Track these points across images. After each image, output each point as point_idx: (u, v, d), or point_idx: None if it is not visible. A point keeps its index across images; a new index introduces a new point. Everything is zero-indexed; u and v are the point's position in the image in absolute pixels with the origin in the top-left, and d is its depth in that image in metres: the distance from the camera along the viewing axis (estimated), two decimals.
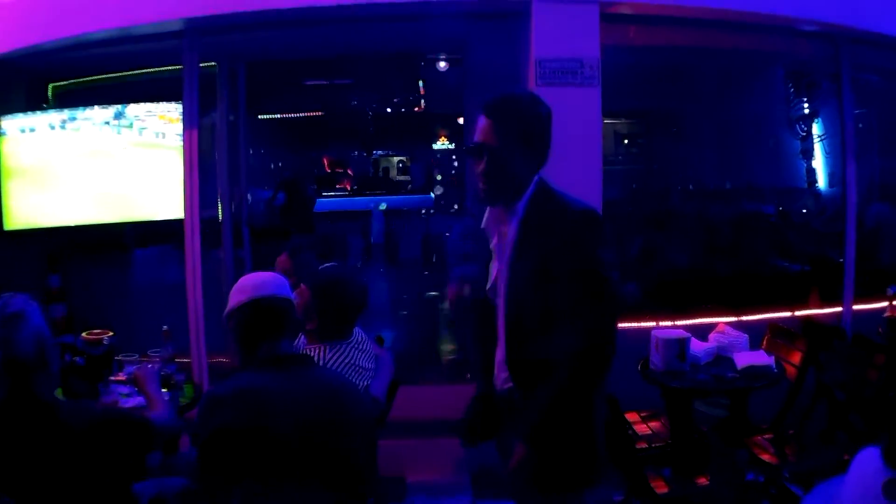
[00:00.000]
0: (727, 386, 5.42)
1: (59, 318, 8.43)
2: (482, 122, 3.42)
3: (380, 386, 4.61)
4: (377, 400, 4.50)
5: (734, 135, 10.95)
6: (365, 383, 4.44)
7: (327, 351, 4.38)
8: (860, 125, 8.83)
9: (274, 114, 15.87)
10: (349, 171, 19.97)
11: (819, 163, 10.27)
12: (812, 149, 10.25)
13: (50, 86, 8.76)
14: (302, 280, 4.56)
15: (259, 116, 15.21)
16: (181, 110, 7.15)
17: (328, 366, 4.30)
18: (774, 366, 5.58)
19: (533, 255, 3.36)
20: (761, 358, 5.60)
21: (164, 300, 7.18)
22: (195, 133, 6.81)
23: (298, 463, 3.22)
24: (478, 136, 3.44)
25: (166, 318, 6.35)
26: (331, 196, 17.99)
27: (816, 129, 10.14)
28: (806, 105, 10.11)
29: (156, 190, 7.46)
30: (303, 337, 4.60)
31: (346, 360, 4.40)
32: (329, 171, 19.98)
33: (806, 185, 10.33)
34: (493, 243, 3.64)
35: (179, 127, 7.20)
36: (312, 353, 4.31)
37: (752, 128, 10.92)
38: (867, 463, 2.13)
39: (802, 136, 10.30)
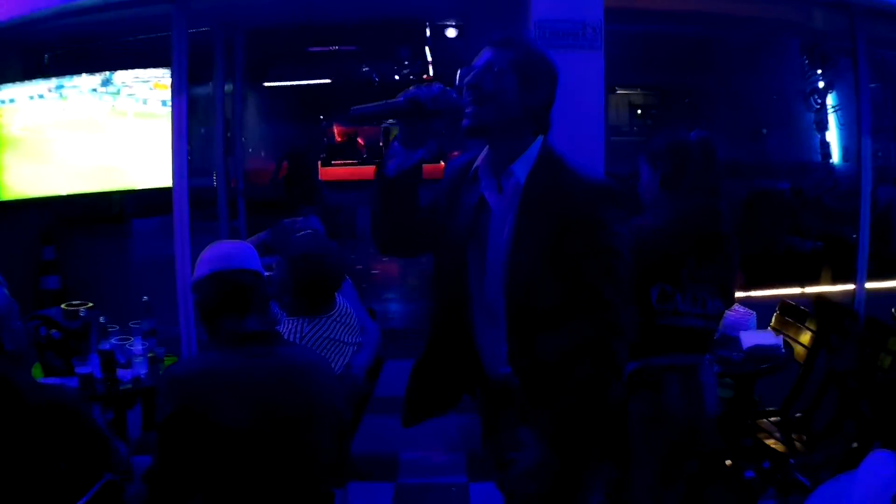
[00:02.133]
0: (732, 369, 5.17)
1: (53, 291, 8.38)
2: (488, 52, 3.09)
3: (361, 363, 4.40)
4: (356, 378, 4.29)
5: (748, 107, 10.73)
6: (345, 360, 4.23)
7: (305, 325, 4.18)
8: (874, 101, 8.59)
9: (280, 81, 15.65)
10: (359, 141, 19.85)
11: (833, 137, 10.04)
12: (826, 122, 10.02)
13: (46, 55, 8.61)
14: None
15: (265, 84, 15.04)
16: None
17: (305, 340, 4.10)
18: (783, 347, 5.33)
19: (541, 232, 2.99)
20: (769, 339, 5.34)
21: (160, 272, 6.98)
22: (184, 100, 6.54)
23: (257, 450, 3.05)
24: (480, 62, 3.08)
25: (162, 291, 6.39)
26: (339, 166, 17.92)
27: (831, 102, 9.92)
28: (820, 78, 9.88)
29: (148, 158, 7.32)
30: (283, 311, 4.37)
31: (326, 335, 4.20)
32: (339, 140, 19.86)
33: (820, 159, 10.11)
34: (482, 186, 3.17)
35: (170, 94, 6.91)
36: (290, 327, 4.10)
37: (766, 100, 10.71)
38: (880, 468, 1.91)
39: (817, 108, 10.07)
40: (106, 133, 7.45)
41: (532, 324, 3.03)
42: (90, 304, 5.45)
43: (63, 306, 5.36)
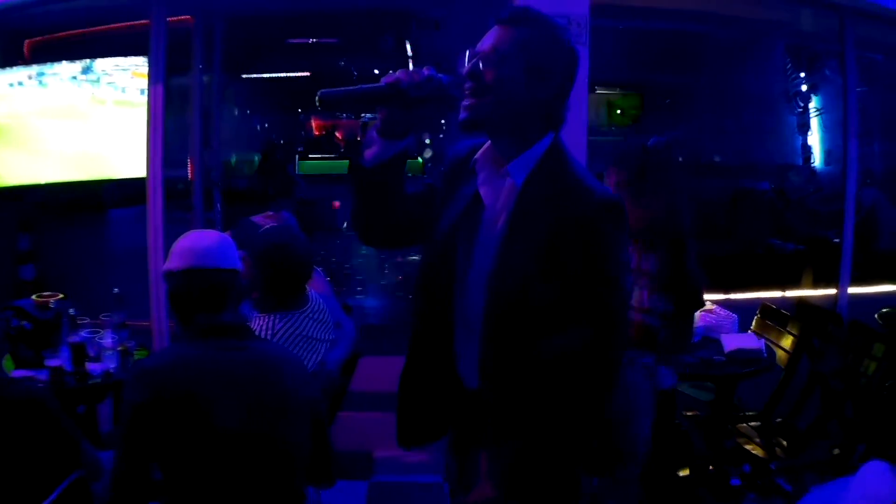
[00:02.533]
0: (714, 371, 5.10)
1: (29, 280, 8.20)
2: (494, 31, 2.67)
3: (336, 359, 4.29)
4: (330, 374, 4.19)
5: (730, 108, 10.69)
6: (319, 357, 4.12)
7: (277, 321, 4.05)
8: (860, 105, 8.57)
9: (259, 73, 15.57)
10: (338, 135, 19.79)
11: (816, 139, 10.01)
12: (809, 125, 9.98)
13: (26, 42, 8.41)
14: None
15: (243, 76, 14.96)
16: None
17: (276, 338, 3.98)
18: (765, 350, 5.26)
19: (534, 243, 2.61)
20: (751, 341, 5.28)
21: (137, 262, 6.88)
22: (161, 89, 6.45)
23: (230, 444, 2.96)
24: (486, 44, 2.66)
25: (137, 281, 6.33)
26: (318, 159, 17.90)
27: (814, 104, 9.88)
28: (804, 80, 9.84)
29: (126, 148, 7.19)
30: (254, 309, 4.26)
31: (298, 332, 4.07)
32: (317, 134, 19.80)
33: (802, 162, 10.09)
34: (479, 179, 2.81)
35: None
36: (261, 324, 3.99)
37: (748, 101, 10.65)
38: (878, 480, 1.82)
39: (800, 111, 10.03)
40: (86, 121, 7.36)
41: (509, 343, 2.67)
42: (61, 295, 5.37)
43: (34, 297, 5.27)
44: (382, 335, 7.45)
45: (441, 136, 16.02)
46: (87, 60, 7.29)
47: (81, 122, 7.35)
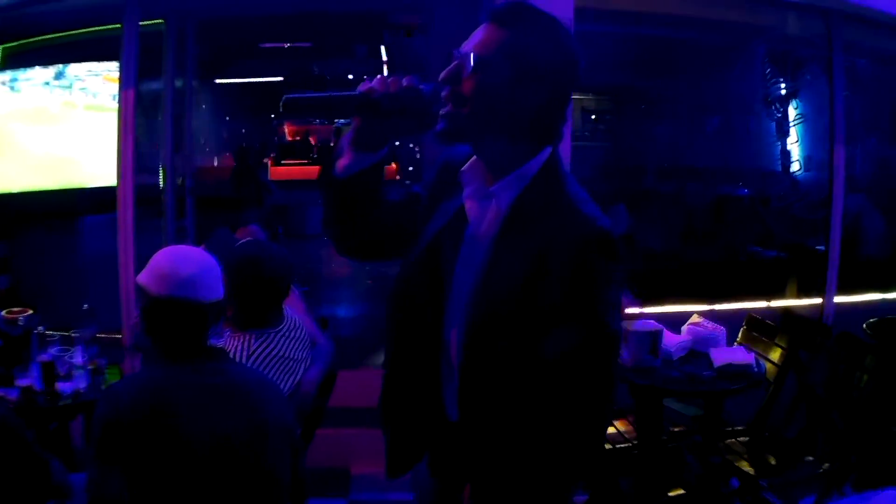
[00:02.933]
0: (703, 387, 4.91)
1: (2, 290, 8.10)
2: (484, 29, 2.35)
3: (312, 379, 4.12)
4: (307, 395, 4.02)
5: (708, 113, 10.62)
6: (296, 378, 3.96)
7: (252, 341, 3.86)
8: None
9: (232, 78, 15.46)
10: (311, 140, 19.76)
11: (795, 145, 9.93)
12: (788, 130, 9.90)
13: (0, 48, 8.27)
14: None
15: (217, 81, 14.87)
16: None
17: (252, 358, 3.80)
18: (755, 364, 5.12)
19: (520, 270, 2.32)
20: (741, 355, 5.11)
21: (111, 270, 6.73)
22: (132, 94, 6.29)
23: (208, 472, 2.83)
24: (470, 45, 2.34)
25: (112, 289, 6.27)
26: (291, 165, 17.87)
27: (794, 110, 9.80)
28: (783, 85, 9.75)
29: (100, 155, 7.07)
30: (226, 326, 4.07)
31: (274, 352, 3.89)
32: (290, 139, 19.76)
33: (781, 168, 10.01)
34: (465, 193, 2.52)
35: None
36: (235, 344, 3.81)
37: (726, 106, 10.58)
38: None
39: (779, 117, 9.94)
40: (58, 127, 7.31)
41: (488, 377, 2.39)
42: (30, 311, 5.19)
43: (3, 313, 5.11)
44: (357, 347, 7.34)
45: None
46: (60, 65, 7.24)
47: (53, 127, 7.34)
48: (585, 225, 2.30)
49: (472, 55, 2.30)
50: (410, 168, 16.01)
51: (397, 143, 14.22)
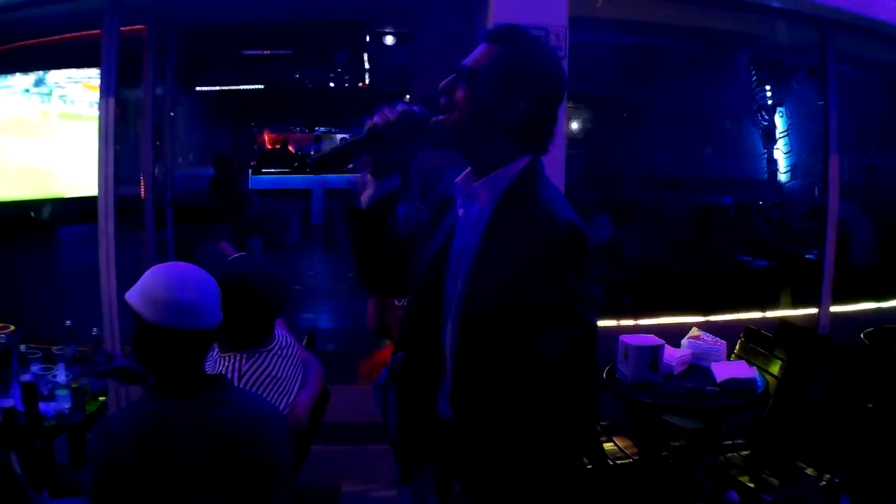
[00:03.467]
0: (707, 403, 4.80)
1: None
2: (479, 47, 2.65)
3: (305, 400, 3.96)
4: (301, 418, 3.86)
5: (690, 121, 10.55)
6: (289, 399, 3.80)
7: (244, 362, 3.69)
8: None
9: (212, 86, 15.32)
10: (290, 148, 19.66)
11: (780, 153, 9.87)
12: (774, 139, 9.84)
13: None
14: None
15: (197, 88, 14.72)
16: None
17: (243, 380, 3.62)
18: (758, 379, 5.00)
19: (500, 272, 2.47)
20: (743, 370, 5.01)
21: (90, 282, 6.58)
22: (112, 102, 6.18)
23: None
24: (469, 60, 2.62)
25: (92, 301, 6.14)
26: (271, 173, 17.76)
27: (780, 118, 9.73)
28: (769, 94, 9.69)
29: (78, 164, 6.93)
30: (216, 345, 3.91)
31: (266, 372, 3.72)
32: (269, 147, 19.65)
33: (767, 176, 9.94)
34: (457, 203, 2.72)
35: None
36: (225, 365, 3.65)
37: (709, 114, 10.51)
38: None
39: (765, 125, 9.88)
40: (36, 136, 7.14)
41: (476, 375, 2.52)
42: (12, 328, 5.07)
43: None
44: (346, 361, 7.23)
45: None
46: (40, 72, 7.12)
47: (31, 136, 7.17)
48: (555, 223, 2.45)
49: (467, 66, 2.59)
50: None
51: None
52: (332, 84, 16.35)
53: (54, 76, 7.07)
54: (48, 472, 4.63)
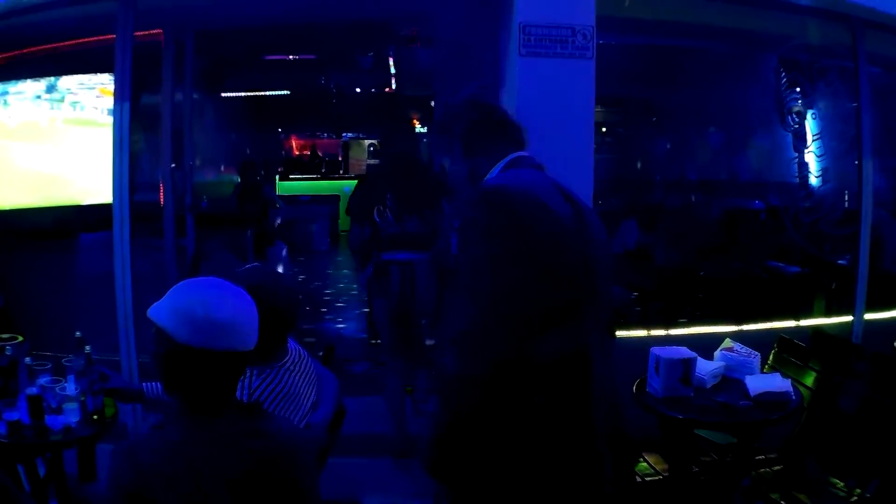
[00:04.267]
0: (740, 418, 4.59)
1: None
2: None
3: (321, 420, 3.80)
4: (317, 438, 3.70)
5: (719, 124, 10.42)
6: (301, 413, 3.64)
7: (253, 378, 3.51)
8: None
9: (236, 91, 15.23)
10: (319, 154, 19.62)
11: (811, 157, 9.70)
12: (805, 142, 9.65)
13: None
14: None
15: (222, 94, 14.64)
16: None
17: (254, 398, 3.45)
18: (793, 392, 4.79)
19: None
20: (777, 383, 4.79)
21: (110, 289, 6.47)
22: (127, 107, 6.07)
23: None
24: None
25: (109, 310, 6.11)
26: (298, 179, 17.74)
27: (811, 121, 9.56)
28: (800, 96, 9.50)
29: (94, 169, 6.83)
30: None
31: (278, 389, 3.55)
32: (297, 153, 19.61)
33: (797, 180, 9.76)
34: None
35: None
36: None
37: (739, 117, 10.35)
38: None
39: (795, 128, 9.69)
40: (49, 142, 7.05)
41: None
42: (20, 338, 4.92)
43: None
44: (366, 373, 7.13)
45: None
46: (52, 78, 7.03)
47: (45, 142, 7.08)
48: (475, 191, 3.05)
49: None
50: None
51: None
52: (357, 89, 16.24)
53: (66, 82, 6.98)
54: (58, 486, 4.52)
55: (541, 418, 2.83)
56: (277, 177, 17.53)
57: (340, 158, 19.98)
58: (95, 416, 4.56)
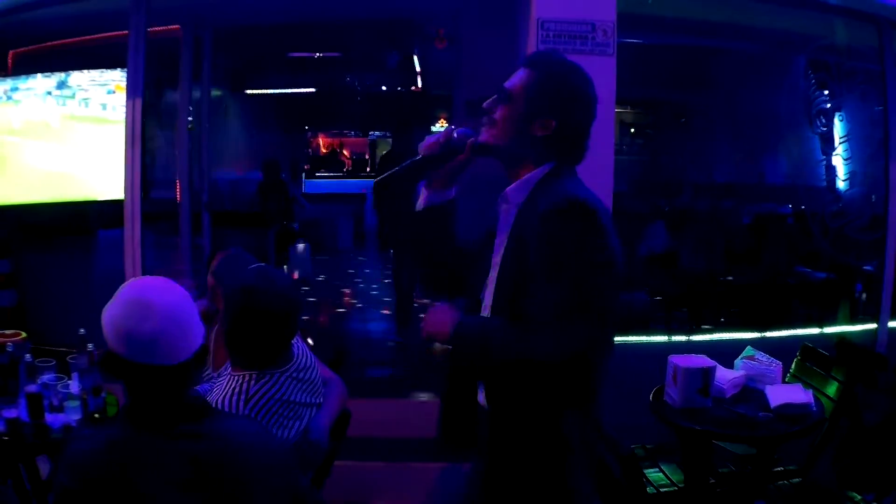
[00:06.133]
0: (759, 431, 4.44)
1: (8, 307, 7.83)
2: (519, 72, 3.01)
3: (322, 426, 3.67)
4: (318, 444, 3.58)
5: (747, 126, 10.30)
6: (303, 423, 3.54)
7: (252, 384, 3.41)
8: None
9: (261, 89, 15.20)
10: (345, 152, 19.64)
11: (839, 160, 9.57)
12: (833, 145, 9.53)
13: (10, 53, 8.07)
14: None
15: (247, 92, 14.64)
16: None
17: (250, 404, 3.35)
18: (814, 404, 4.65)
19: (520, 257, 2.83)
20: (798, 394, 4.65)
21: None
22: (139, 103, 6.03)
23: None
24: (508, 83, 3.01)
25: None
26: (324, 177, 17.77)
27: (839, 123, 9.43)
28: (827, 98, 9.38)
29: (106, 167, 6.84)
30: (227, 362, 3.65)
31: (276, 397, 3.44)
32: (324, 151, 19.64)
33: (825, 184, 9.63)
34: (500, 210, 3.09)
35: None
36: (232, 385, 3.38)
37: (767, 120, 10.24)
38: None
39: (823, 131, 9.56)
40: (62, 138, 7.03)
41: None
42: (23, 335, 4.93)
43: None
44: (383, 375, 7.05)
45: None
46: (62, 74, 7.00)
47: (57, 139, 7.15)
48: (560, 198, 2.74)
49: (507, 89, 2.97)
50: None
51: None
52: (383, 87, 16.20)
53: (77, 78, 6.91)
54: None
55: (580, 410, 2.91)
56: (304, 175, 17.54)
57: (367, 157, 20.02)
58: (97, 415, 4.51)
